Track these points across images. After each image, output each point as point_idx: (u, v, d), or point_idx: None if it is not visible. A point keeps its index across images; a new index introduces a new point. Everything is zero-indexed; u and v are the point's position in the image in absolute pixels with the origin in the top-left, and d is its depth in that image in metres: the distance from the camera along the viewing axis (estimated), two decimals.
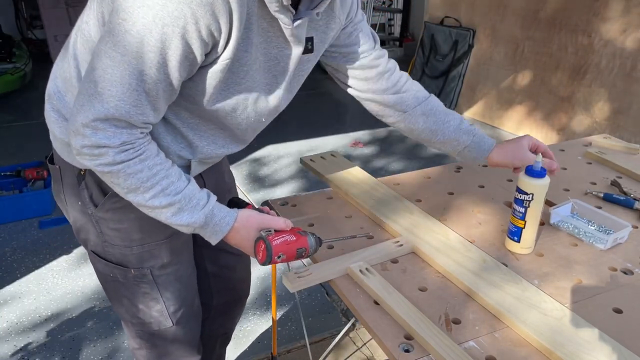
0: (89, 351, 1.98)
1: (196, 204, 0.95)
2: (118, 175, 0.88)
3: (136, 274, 1.09)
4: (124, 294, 1.13)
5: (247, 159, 3.74)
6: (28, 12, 6.33)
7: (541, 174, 1.06)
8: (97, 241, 1.08)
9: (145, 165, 0.89)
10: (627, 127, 3.59)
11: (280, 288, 2.30)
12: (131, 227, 1.05)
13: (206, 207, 0.95)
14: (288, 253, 0.97)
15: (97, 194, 1.03)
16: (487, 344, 0.88)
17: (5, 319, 2.15)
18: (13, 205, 2.85)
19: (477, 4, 4.62)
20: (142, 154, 0.89)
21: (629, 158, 1.59)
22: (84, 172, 1.02)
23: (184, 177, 0.95)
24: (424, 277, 1.05)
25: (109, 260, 1.09)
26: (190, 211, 0.94)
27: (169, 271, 1.13)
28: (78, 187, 1.04)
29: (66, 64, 0.98)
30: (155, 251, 1.10)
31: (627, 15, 3.55)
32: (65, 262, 2.52)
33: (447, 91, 4.86)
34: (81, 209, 1.06)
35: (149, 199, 0.91)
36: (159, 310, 1.14)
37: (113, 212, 1.04)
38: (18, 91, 4.87)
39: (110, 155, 0.86)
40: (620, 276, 1.06)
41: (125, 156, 0.87)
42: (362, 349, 1.82)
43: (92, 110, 0.82)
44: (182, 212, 0.94)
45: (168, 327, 1.17)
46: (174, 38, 0.79)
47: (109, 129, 0.84)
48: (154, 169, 0.90)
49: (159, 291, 1.13)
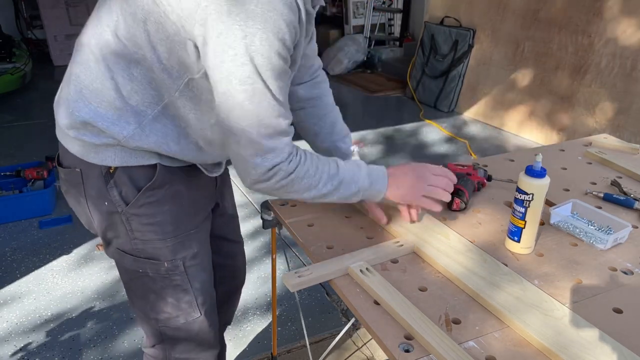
0: (89, 351, 1.98)
1: (355, 171, 1.06)
2: (293, 184, 0.98)
3: (169, 267, 1.11)
4: (153, 288, 1.13)
5: None
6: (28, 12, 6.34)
7: (541, 174, 1.06)
8: (126, 239, 1.08)
9: (307, 163, 0.99)
10: (627, 127, 3.59)
11: (280, 288, 2.30)
12: (165, 219, 1.07)
13: (362, 169, 1.07)
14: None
15: (128, 190, 1.03)
16: (487, 344, 0.88)
17: (5, 319, 2.15)
18: (13, 205, 2.85)
19: (477, 4, 4.62)
20: (299, 157, 0.99)
21: (629, 158, 1.59)
22: (113, 169, 1.02)
23: (326, 158, 1.05)
24: (424, 277, 1.04)
25: (139, 256, 1.09)
26: (354, 180, 1.05)
27: (198, 261, 1.15)
28: (106, 186, 1.03)
29: (93, 74, 0.97)
30: (187, 242, 1.12)
31: (627, 15, 3.55)
32: (65, 262, 2.52)
33: (447, 91, 4.86)
34: (108, 209, 1.05)
35: (322, 188, 1.01)
36: (188, 302, 1.15)
37: (147, 207, 1.05)
38: (18, 91, 4.87)
39: (283, 169, 0.96)
40: (620, 276, 1.06)
41: (293, 165, 0.97)
42: (362, 349, 1.81)
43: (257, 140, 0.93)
44: (350, 183, 1.04)
45: (196, 317, 1.18)
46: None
47: (279, 147, 0.94)
48: (313, 162, 1.01)
49: (189, 282, 1.14)
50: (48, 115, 4.98)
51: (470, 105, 4.75)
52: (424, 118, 4.68)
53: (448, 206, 1.28)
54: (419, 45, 5.19)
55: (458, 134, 4.34)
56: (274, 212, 1.30)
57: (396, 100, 5.25)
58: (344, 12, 6.55)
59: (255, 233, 2.74)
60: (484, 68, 4.61)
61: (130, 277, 1.14)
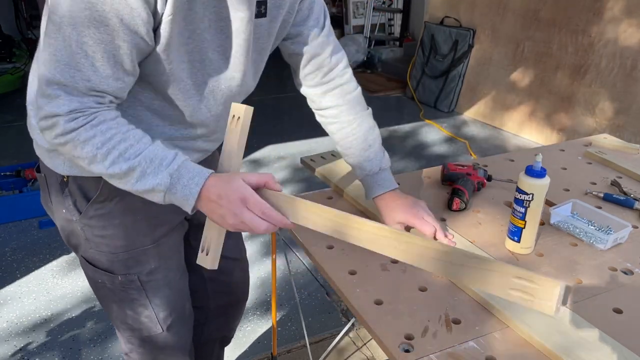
0: (89, 351, 1.98)
1: (159, 164, 0.85)
2: (74, 146, 0.84)
3: (123, 280, 1.08)
4: (113, 299, 1.12)
5: (247, 159, 3.74)
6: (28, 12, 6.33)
7: (541, 174, 1.06)
8: (86, 247, 1.07)
9: (97, 130, 0.83)
10: (627, 127, 3.59)
11: (280, 288, 2.30)
12: (115, 233, 1.04)
13: (171, 166, 0.85)
14: None
15: (80, 200, 1.02)
16: (487, 344, 0.88)
17: (5, 319, 2.15)
18: (13, 205, 2.85)
19: (477, 4, 4.62)
20: (94, 120, 0.84)
21: (629, 158, 1.59)
22: (66, 178, 1.01)
23: (146, 139, 0.87)
24: (424, 277, 1.04)
25: (97, 267, 1.08)
26: (153, 173, 0.85)
27: (157, 277, 1.11)
28: (62, 194, 1.03)
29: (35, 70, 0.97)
30: (142, 257, 1.08)
31: (627, 15, 3.55)
32: (65, 262, 2.52)
33: (447, 91, 4.85)
34: (66, 216, 1.05)
35: (109, 167, 0.84)
36: (148, 316, 1.13)
37: (97, 219, 1.03)
38: (18, 91, 4.87)
39: (61, 124, 0.82)
40: (620, 276, 1.06)
41: (75, 124, 0.83)
42: (362, 349, 1.81)
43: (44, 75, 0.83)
44: (146, 175, 0.85)
45: (158, 333, 1.16)
46: None
47: (60, 97, 0.82)
48: (107, 133, 0.84)
49: (147, 297, 1.11)
50: None
51: (470, 105, 4.75)
52: (424, 118, 4.68)
53: (448, 206, 1.28)
54: (419, 45, 5.19)
55: (458, 134, 4.34)
56: None
57: (396, 100, 5.25)
58: (344, 12, 6.55)
59: None
60: (484, 68, 4.61)
61: (93, 286, 1.14)
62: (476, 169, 1.37)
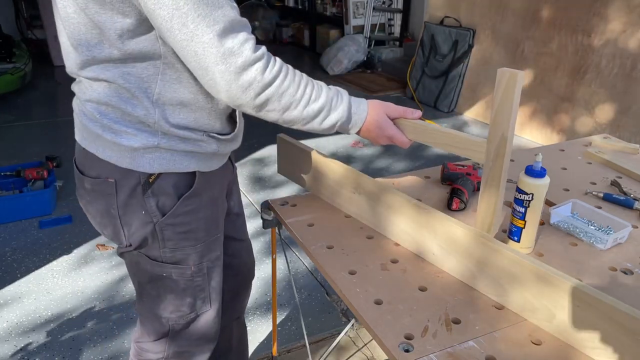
0: (89, 351, 1.98)
1: (339, 99, 1.02)
2: (272, 100, 0.92)
3: (195, 270, 1.11)
4: (174, 289, 1.12)
5: (248, 159, 3.74)
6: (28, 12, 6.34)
7: (541, 174, 1.06)
8: (154, 246, 1.06)
9: (288, 78, 0.93)
10: (627, 127, 3.59)
11: (280, 288, 2.30)
12: (198, 227, 1.08)
13: (345, 100, 1.02)
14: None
15: (166, 199, 1.01)
16: (487, 344, 0.88)
17: (5, 319, 2.15)
18: (13, 205, 2.85)
19: (477, 4, 4.62)
20: (283, 68, 0.93)
21: (629, 158, 1.59)
22: (153, 178, 0.99)
23: (312, 79, 1.00)
24: (424, 277, 1.05)
25: (165, 262, 1.08)
26: (335, 109, 1.01)
27: (219, 262, 1.17)
28: (143, 196, 1.00)
29: None
30: (213, 245, 1.14)
31: (627, 15, 3.55)
32: (65, 262, 2.52)
33: (447, 91, 4.86)
34: (144, 220, 1.02)
35: (303, 111, 0.96)
36: (203, 298, 1.16)
37: (184, 216, 1.04)
38: (18, 91, 4.87)
39: (260, 69, 0.88)
40: (620, 276, 1.06)
41: (271, 74, 0.89)
42: (362, 349, 1.81)
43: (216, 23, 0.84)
44: (331, 112, 1.00)
45: (206, 311, 1.18)
46: None
47: (248, 40, 0.86)
48: (295, 78, 0.95)
49: (208, 282, 1.16)
50: (48, 115, 4.96)
51: (470, 105, 4.75)
52: (424, 118, 4.68)
53: (448, 206, 1.28)
54: (419, 45, 5.19)
55: None
56: (274, 212, 1.30)
57: (396, 100, 5.25)
58: (344, 12, 6.55)
59: (256, 233, 2.74)
60: (484, 68, 4.61)
61: (148, 279, 1.12)
62: (476, 168, 1.37)
